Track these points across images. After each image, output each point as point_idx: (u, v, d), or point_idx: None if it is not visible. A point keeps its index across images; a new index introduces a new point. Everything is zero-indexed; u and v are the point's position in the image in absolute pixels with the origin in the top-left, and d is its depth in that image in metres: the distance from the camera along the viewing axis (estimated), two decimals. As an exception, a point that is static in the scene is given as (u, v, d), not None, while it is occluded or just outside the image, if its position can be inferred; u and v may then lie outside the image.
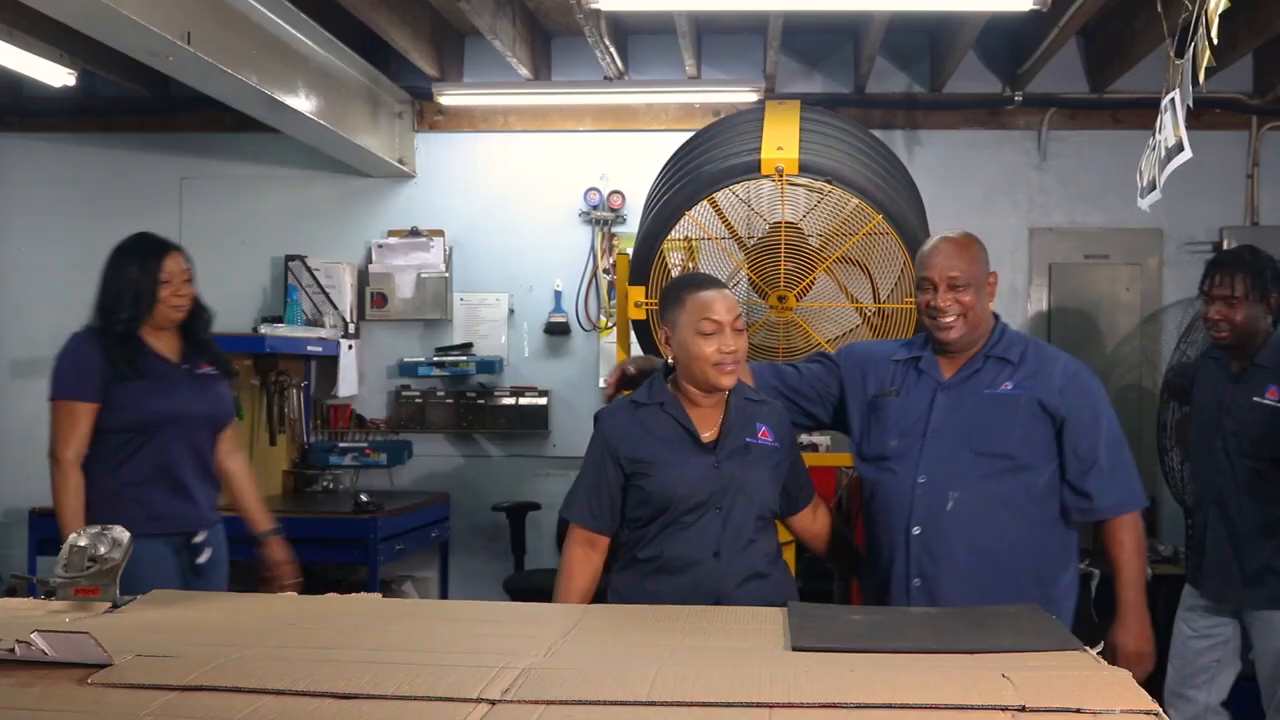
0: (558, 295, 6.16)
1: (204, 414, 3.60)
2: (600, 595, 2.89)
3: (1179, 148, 2.95)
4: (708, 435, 2.84)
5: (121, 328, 3.49)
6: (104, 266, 3.59)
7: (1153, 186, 3.20)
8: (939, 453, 2.87)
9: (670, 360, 2.87)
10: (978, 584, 2.81)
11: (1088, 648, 1.92)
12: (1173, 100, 2.96)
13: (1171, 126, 2.98)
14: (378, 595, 2.79)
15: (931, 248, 2.95)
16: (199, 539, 3.54)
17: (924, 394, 2.94)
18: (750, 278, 3.60)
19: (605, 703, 1.59)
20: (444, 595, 5.98)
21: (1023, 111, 5.95)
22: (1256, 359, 3.76)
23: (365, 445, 6.05)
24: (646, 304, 3.68)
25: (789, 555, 3.12)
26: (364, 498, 5.36)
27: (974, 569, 2.83)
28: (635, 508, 2.86)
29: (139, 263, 3.55)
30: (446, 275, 6.14)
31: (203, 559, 3.54)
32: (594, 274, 6.13)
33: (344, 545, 5.21)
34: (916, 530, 2.85)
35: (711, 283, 2.89)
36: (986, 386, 2.91)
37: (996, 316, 3.02)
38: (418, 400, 6.15)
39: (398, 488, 6.14)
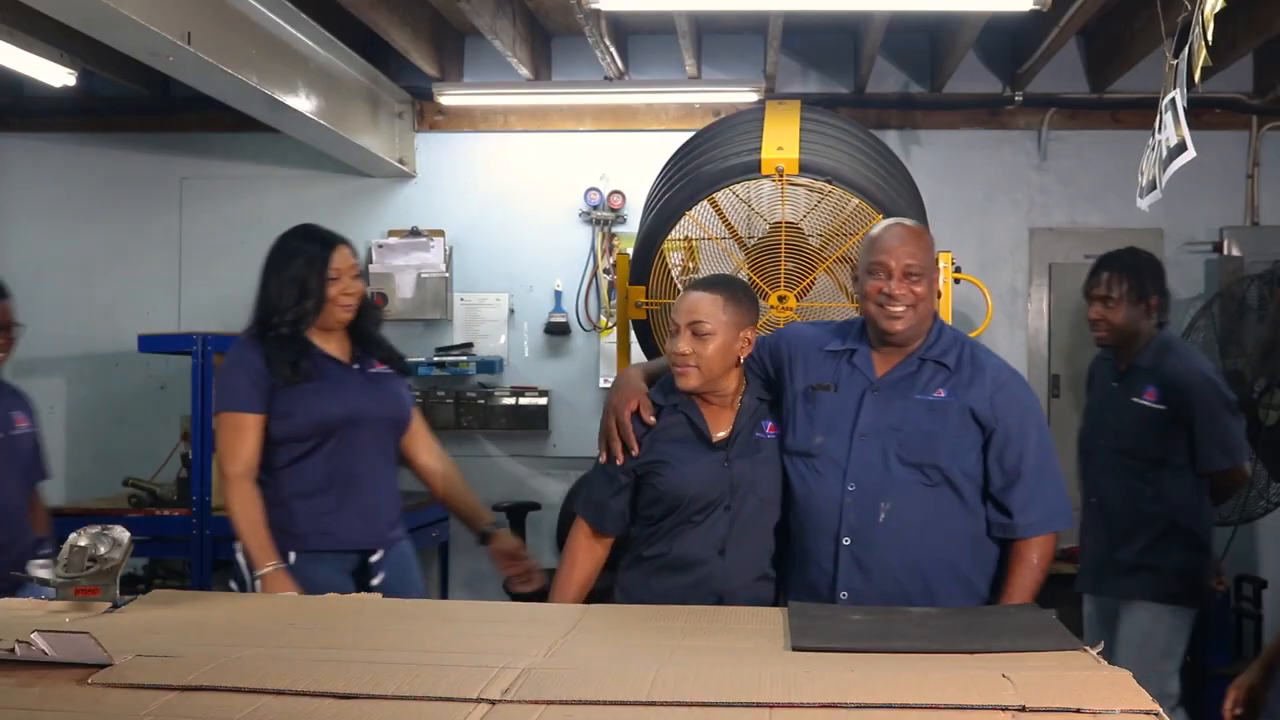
0: (558, 295, 6.16)
1: (380, 416, 3.27)
2: (607, 594, 2.91)
3: (1181, 147, 2.94)
4: (720, 434, 2.85)
5: (287, 329, 3.18)
6: (264, 263, 3.28)
7: (1153, 186, 3.20)
8: (867, 459, 2.74)
9: None
10: (908, 598, 2.67)
11: (1088, 648, 1.92)
12: (1173, 100, 2.96)
13: (1173, 126, 2.98)
14: (378, 595, 2.80)
15: (887, 232, 2.81)
16: (375, 558, 3.20)
17: (854, 392, 2.81)
18: (751, 277, 3.60)
19: (605, 703, 1.59)
20: (444, 595, 5.98)
21: (1023, 111, 5.94)
22: (1137, 361, 3.78)
23: (365, 445, 6.04)
24: (647, 304, 3.68)
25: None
26: (364, 498, 5.35)
27: (905, 582, 2.71)
28: (647, 507, 2.87)
29: (305, 258, 3.22)
30: (446, 275, 6.15)
31: (376, 581, 3.17)
32: (594, 274, 6.13)
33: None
34: (847, 540, 2.72)
35: (703, 284, 2.89)
36: (919, 391, 2.78)
37: (935, 314, 2.90)
38: (418, 400, 6.13)
39: (398, 488, 6.13)
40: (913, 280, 2.74)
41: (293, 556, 3.10)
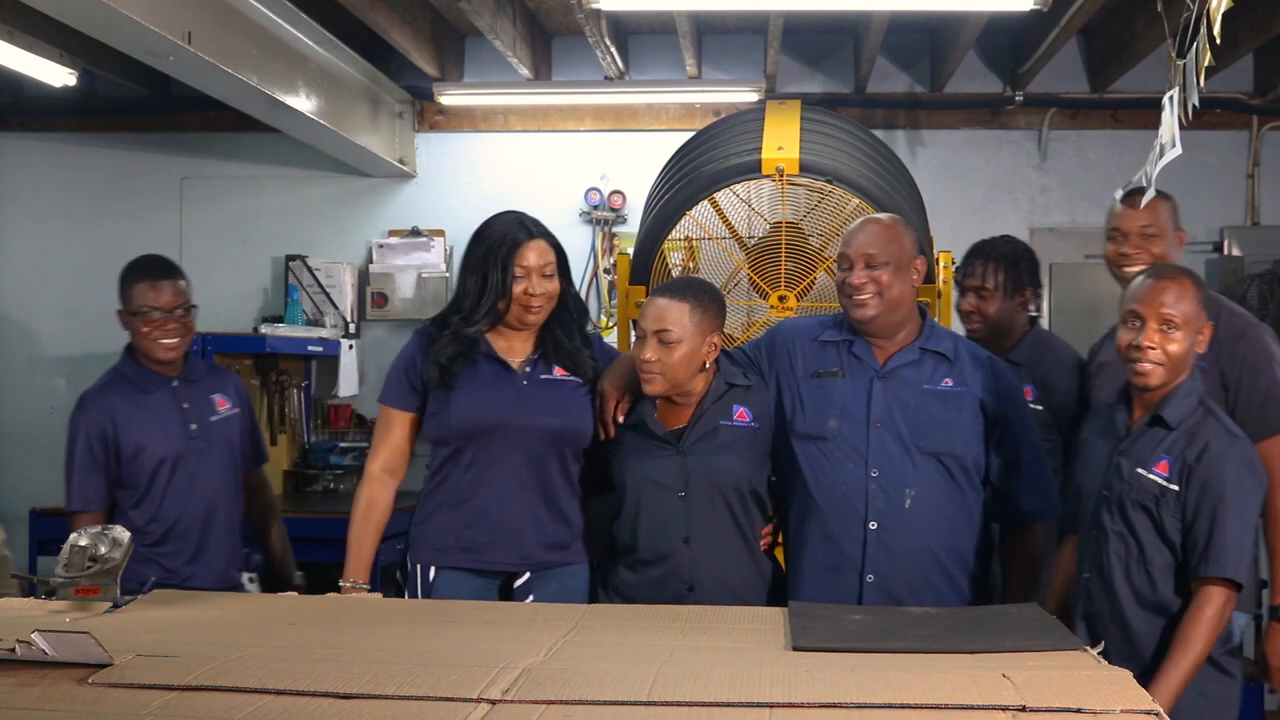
0: (558, 295, 6.15)
1: (536, 426, 2.91)
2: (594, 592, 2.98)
3: (1171, 144, 2.95)
4: (675, 426, 2.89)
5: (465, 326, 2.92)
6: (465, 250, 3.04)
7: (1148, 183, 3.21)
8: (885, 446, 2.82)
9: None
10: (929, 580, 2.80)
11: (1088, 648, 1.92)
12: (1171, 98, 2.96)
13: (1167, 123, 2.99)
14: (378, 595, 2.80)
15: (856, 226, 2.93)
16: (520, 582, 2.90)
17: (861, 379, 2.88)
18: (751, 277, 3.60)
19: (605, 703, 1.59)
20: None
21: (1023, 111, 5.94)
22: (1010, 356, 3.63)
23: (365, 445, 6.03)
24: (647, 304, 3.68)
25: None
26: (364, 498, 5.34)
27: (928, 566, 2.81)
28: (617, 496, 2.93)
29: (490, 247, 2.93)
30: (447, 275, 6.14)
31: None
32: (595, 274, 6.13)
33: (344, 545, 5.19)
34: (873, 525, 2.80)
35: (669, 290, 2.91)
36: (926, 381, 2.87)
37: (924, 311, 2.97)
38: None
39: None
40: (874, 269, 2.82)
41: (433, 571, 2.92)
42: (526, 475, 2.92)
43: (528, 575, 2.90)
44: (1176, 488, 2.59)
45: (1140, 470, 2.63)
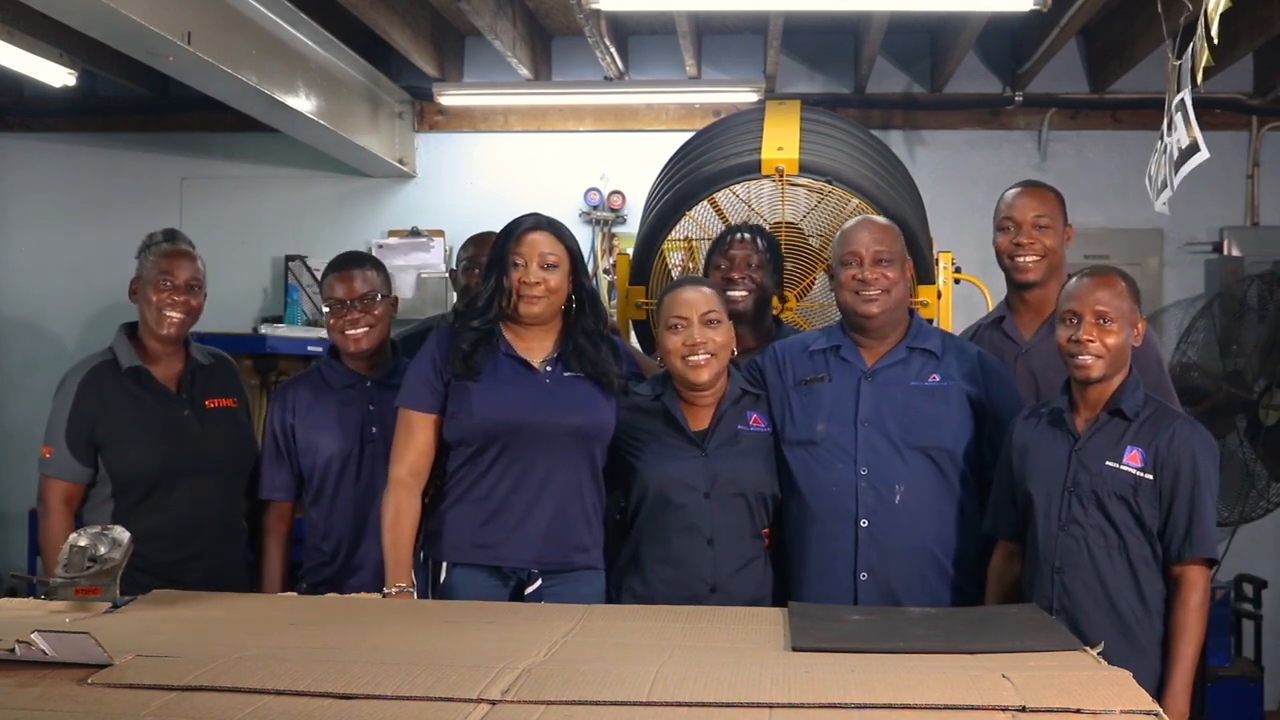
0: (558, 295, 6.15)
1: (560, 425, 2.86)
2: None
3: (1194, 148, 2.96)
4: (699, 427, 2.91)
5: (477, 320, 2.89)
6: None
7: (1165, 186, 3.22)
8: (873, 444, 2.86)
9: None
10: (922, 576, 2.83)
11: (1088, 648, 1.92)
12: (1183, 100, 2.97)
13: (1184, 127, 2.99)
14: (378, 595, 2.80)
15: (855, 225, 2.99)
16: (532, 588, 2.82)
17: (849, 381, 2.93)
18: (751, 278, 3.60)
19: (605, 703, 1.59)
20: (444, 595, 5.97)
21: (1023, 111, 5.94)
22: None
23: (365, 445, 6.03)
24: (647, 304, 3.69)
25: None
26: (364, 498, 5.33)
27: (921, 561, 2.84)
28: (635, 501, 2.93)
29: (500, 241, 2.91)
30: (446, 275, 6.14)
31: None
32: (594, 274, 6.12)
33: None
34: (865, 523, 2.83)
35: (688, 282, 2.99)
36: (913, 378, 2.91)
37: (911, 311, 3.04)
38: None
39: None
40: (884, 266, 2.90)
41: (445, 567, 2.88)
42: (549, 474, 2.86)
43: (539, 583, 2.83)
44: (1151, 476, 2.64)
45: (1110, 463, 2.67)
